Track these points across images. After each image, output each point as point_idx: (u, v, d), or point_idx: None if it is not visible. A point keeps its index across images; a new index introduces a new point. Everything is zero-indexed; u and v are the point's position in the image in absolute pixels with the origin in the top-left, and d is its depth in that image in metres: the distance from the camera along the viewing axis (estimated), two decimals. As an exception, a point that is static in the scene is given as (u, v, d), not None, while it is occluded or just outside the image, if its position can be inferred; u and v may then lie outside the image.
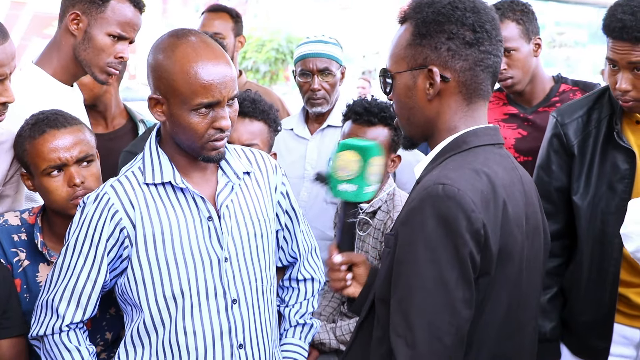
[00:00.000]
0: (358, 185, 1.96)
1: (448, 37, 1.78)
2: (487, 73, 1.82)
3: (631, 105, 2.68)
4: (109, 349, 2.54)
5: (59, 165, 2.43)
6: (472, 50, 1.79)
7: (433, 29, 1.79)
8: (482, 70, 1.81)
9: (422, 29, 1.81)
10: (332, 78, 3.50)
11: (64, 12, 2.86)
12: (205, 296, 2.18)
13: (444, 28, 1.78)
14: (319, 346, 3.10)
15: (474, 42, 1.79)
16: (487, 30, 1.80)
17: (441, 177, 1.71)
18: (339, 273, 2.01)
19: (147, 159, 2.21)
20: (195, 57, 2.06)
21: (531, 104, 3.33)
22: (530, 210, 1.85)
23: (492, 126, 1.87)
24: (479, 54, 1.79)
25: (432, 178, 1.74)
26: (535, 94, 3.33)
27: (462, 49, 1.78)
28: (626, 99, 2.66)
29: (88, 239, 2.15)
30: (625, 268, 2.77)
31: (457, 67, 1.79)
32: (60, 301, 2.17)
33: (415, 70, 1.82)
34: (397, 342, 1.67)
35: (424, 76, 1.81)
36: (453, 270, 1.65)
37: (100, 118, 3.58)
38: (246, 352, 2.23)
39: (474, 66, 1.79)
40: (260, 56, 16.63)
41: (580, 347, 2.91)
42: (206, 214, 2.19)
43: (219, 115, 2.08)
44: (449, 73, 1.79)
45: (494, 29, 1.82)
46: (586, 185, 2.82)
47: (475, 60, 1.79)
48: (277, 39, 16.90)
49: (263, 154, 2.42)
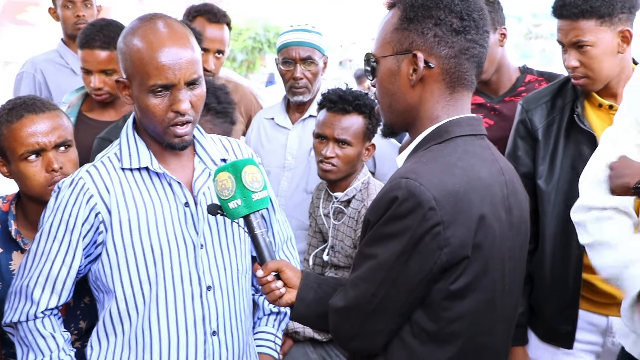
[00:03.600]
0: (242, 197, 1.97)
1: (435, 23, 1.78)
2: (472, 62, 1.82)
3: (582, 83, 2.77)
4: (83, 338, 2.52)
5: (37, 150, 2.42)
6: (458, 38, 1.79)
7: (421, 14, 1.79)
8: (467, 59, 1.81)
9: (410, 14, 1.81)
10: (314, 67, 3.50)
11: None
12: (180, 282, 2.18)
13: (432, 14, 1.79)
14: (293, 335, 3.12)
15: (461, 30, 1.79)
16: (474, 19, 1.80)
17: (408, 171, 1.73)
18: (269, 285, 1.99)
19: (123, 144, 2.21)
20: (152, 39, 2.07)
21: (498, 94, 3.36)
22: (513, 200, 1.87)
23: (474, 116, 1.88)
24: (465, 42, 1.80)
25: (401, 171, 1.77)
26: (501, 84, 3.36)
27: (449, 36, 1.79)
28: (576, 75, 2.77)
29: (63, 224, 2.14)
30: None
31: (442, 54, 1.79)
32: (35, 287, 2.16)
33: (400, 55, 1.82)
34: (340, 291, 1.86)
35: (408, 61, 1.81)
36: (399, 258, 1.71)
37: (109, 107, 3.61)
38: (219, 339, 2.24)
39: (459, 54, 1.80)
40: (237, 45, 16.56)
41: (547, 332, 2.96)
42: (183, 200, 2.19)
43: (177, 98, 2.08)
44: (434, 60, 1.79)
45: (481, 18, 1.82)
46: (550, 169, 2.87)
47: (461, 48, 1.80)
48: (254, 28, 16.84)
49: (239, 142, 2.42)
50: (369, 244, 1.78)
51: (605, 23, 2.67)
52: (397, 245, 1.71)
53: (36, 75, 4.33)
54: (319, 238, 3.23)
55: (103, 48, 3.37)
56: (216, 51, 3.82)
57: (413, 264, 1.71)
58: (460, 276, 1.73)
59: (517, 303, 1.96)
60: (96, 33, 3.41)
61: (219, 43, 3.83)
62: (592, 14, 2.66)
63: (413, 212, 1.68)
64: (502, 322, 1.89)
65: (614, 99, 2.80)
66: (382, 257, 1.73)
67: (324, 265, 3.17)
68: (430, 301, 1.75)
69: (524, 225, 1.93)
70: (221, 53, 3.87)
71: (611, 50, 2.70)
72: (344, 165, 3.02)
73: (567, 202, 2.80)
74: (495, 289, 1.81)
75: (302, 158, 3.49)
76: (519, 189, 1.93)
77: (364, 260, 1.79)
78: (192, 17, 3.85)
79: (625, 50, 2.72)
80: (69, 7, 4.35)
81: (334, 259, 3.09)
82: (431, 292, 1.74)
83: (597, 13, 2.66)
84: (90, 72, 3.45)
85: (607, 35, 2.68)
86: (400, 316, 1.77)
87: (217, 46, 3.82)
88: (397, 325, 1.78)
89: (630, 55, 2.78)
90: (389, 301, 1.75)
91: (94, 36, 3.40)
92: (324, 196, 3.20)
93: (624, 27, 2.69)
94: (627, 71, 2.78)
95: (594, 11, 2.65)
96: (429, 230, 1.68)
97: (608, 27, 2.67)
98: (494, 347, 1.89)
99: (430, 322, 1.76)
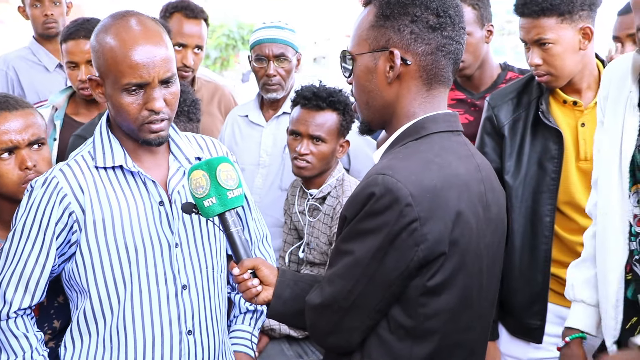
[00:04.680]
0: (217, 195, 1.97)
1: (411, 20, 1.79)
2: (449, 59, 1.83)
3: (546, 80, 2.81)
4: (57, 338, 2.50)
5: (10, 148, 2.40)
6: (435, 34, 1.79)
7: (397, 11, 1.80)
8: (443, 56, 1.81)
9: (386, 11, 1.81)
10: (287, 64, 3.50)
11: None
12: (155, 282, 2.17)
13: (408, 10, 1.79)
14: (269, 332, 3.11)
15: (437, 27, 1.79)
16: (450, 15, 1.81)
17: (384, 167, 1.73)
18: (245, 283, 1.98)
19: (97, 142, 2.19)
20: (125, 37, 2.06)
21: (479, 90, 3.38)
22: (491, 197, 1.88)
23: (451, 112, 1.88)
24: (441, 39, 1.80)
25: (377, 167, 1.77)
26: (483, 80, 3.38)
27: (425, 32, 1.79)
28: (539, 73, 2.80)
29: (36, 224, 2.12)
30: (558, 247, 2.86)
31: (418, 51, 1.79)
32: (8, 287, 2.14)
33: (377, 52, 1.82)
34: (317, 288, 1.86)
35: (385, 58, 1.81)
36: (375, 255, 1.71)
37: (94, 107, 3.60)
38: (195, 339, 2.23)
39: (436, 51, 1.80)
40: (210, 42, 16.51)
41: (517, 327, 2.99)
42: (157, 199, 2.18)
43: (151, 97, 2.07)
44: (410, 56, 1.80)
45: (457, 15, 1.83)
46: (517, 165, 2.90)
47: (438, 45, 1.80)
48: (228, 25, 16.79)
49: (214, 140, 2.41)
50: (345, 240, 1.78)
51: (566, 20, 2.70)
52: (374, 242, 1.71)
53: (8, 72, 4.30)
54: (294, 235, 3.23)
55: (88, 38, 3.33)
56: (195, 47, 3.80)
57: (390, 260, 1.71)
58: (437, 272, 1.73)
59: (494, 300, 1.97)
60: (79, 26, 3.41)
61: (197, 38, 3.82)
62: (553, 11, 2.69)
63: (390, 209, 1.68)
64: (479, 319, 1.90)
65: (578, 94, 2.84)
66: (359, 253, 1.74)
67: (299, 263, 3.17)
68: (407, 297, 1.75)
69: (501, 222, 1.94)
70: (199, 49, 3.85)
71: (573, 47, 2.74)
72: (319, 162, 3.02)
73: (534, 197, 2.86)
74: (472, 285, 1.82)
75: (276, 155, 3.49)
76: (496, 185, 1.94)
77: (340, 257, 1.79)
78: (169, 14, 3.84)
79: (587, 46, 2.76)
80: (37, 5, 4.34)
81: (310, 256, 3.09)
82: (408, 289, 1.74)
83: (558, 10, 2.69)
84: (76, 66, 3.43)
85: (568, 32, 2.72)
86: (376, 312, 1.77)
87: (196, 42, 3.81)
88: (374, 322, 1.79)
89: (592, 51, 2.81)
90: (365, 297, 1.76)
91: (77, 28, 3.40)
92: (298, 193, 3.20)
93: (584, 24, 2.72)
94: (590, 67, 2.82)
95: (554, 9, 2.69)
96: (405, 227, 1.68)
97: (569, 25, 2.71)
98: (471, 344, 1.90)
99: (407, 318, 1.76)
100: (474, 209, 1.79)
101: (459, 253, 1.75)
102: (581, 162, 2.81)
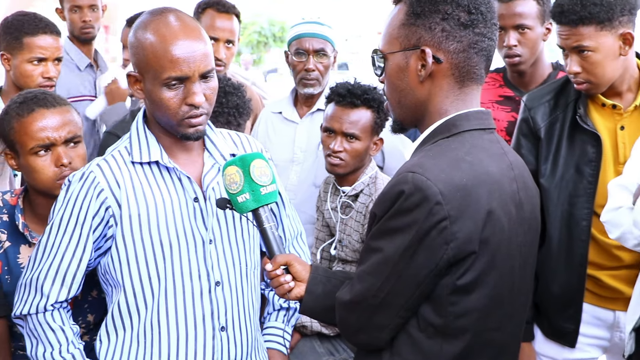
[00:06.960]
0: (250, 191, 1.98)
1: (443, 18, 1.77)
2: (481, 56, 1.81)
3: (585, 88, 2.74)
4: (91, 332, 2.53)
5: (47, 145, 2.42)
6: (466, 32, 1.78)
7: (428, 8, 1.78)
8: (475, 53, 1.80)
9: (417, 9, 1.80)
10: (326, 60, 3.49)
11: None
12: (189, 278, 2.18)
13: (439, 8, 1.78)
14: (301, 329, 3.11)
15: (469, 24, 1.78)
16: (482, 12, 1.79)
17: (415, 165, 1.72)
18: (278, 278, 1.99)
19: (134, 138, 2.21)
20: (165, 32, 2.07)
21: (528, 88, 3.32)
22: (524, 195, 1.86)
23: (483, 110, 1.86)
24: (473, 36, 1.78)
25: (407, 164, 1.76)
26: (534, 78, 3.34)
27: (457, 30, 1.77)
28: (578, 80, 2.73)
29: (73, 218, 2.14)
30: (595, 249, 2.81)
31: (450, 49, 1.78)
32: (45, 279, 2.16)
33: (408, 51, 1.81)
34: (347, 284, 1.87)
35: (417, 57, 1.80)
36: (405, 253, 1.71)
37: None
38: (228, 335, 2.24)
39: (468, 48, 1.79)
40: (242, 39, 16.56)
41: (551, 330, 2.96)
42: (192, 195, 2.19)
43: (191, 91, 2.08)
44: (442, 54, 1.78)
45: (489, 11, 1.81)
46: (553, 168, 2.85)
47: (470, 42, 1.78)
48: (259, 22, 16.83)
49: (249, 137, 2.42)
50: (375, 238, 1.78)
51: (606, 28, 2.62)
52: (403, 240, 1.70)
53: None
54: (326, 232, 3.23)
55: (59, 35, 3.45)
56: (226, 41, 3.82)
57: (419, 258, 1.70)
58: (467, 271, 1.72)
59: (527, 300, 1.96)
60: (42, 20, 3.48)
61: (228, 33, 3.83)
62: (591, 20, 2.61)
63: (419, 207, 1.67)
64: (510, 318, 1.88)
65: (619, 97, 2.77)
66: (388, 251, 1.73)
67: (331, 260, 3.17)
68: (436, 296, 1.74)
69: (534, 221, 1.92)
70: (231, 43, 3.87)
71: (613, 54, 2.65)
72: (352, 160, 3.02)
73: (570, 201, 2.80)
74: (503, 284, 1.80)
75: (310, 152, 3.49)
76: (529, 184, 1.92)
77: (370, 254, 1.79)
78: (202, 10, 3.86)
79: (628, 52, 2.67)
80: (76, 11, 4.46)
81: (342, 253, 3.09)
82: (437, 287, 1.74)
83: (597, 19, 2.61)
84: (44, 60, 3.46)
85: (608, 39, 2.63)
86: (406, 310, 1.77)
87: (227, 36, 3.82)
88: (403, 320, 1.78)
89: (633, 54, 2.73)
90: (394, 295, 1.75)
91: (47, 23, 3.47)
92: (331, 190, 3.19)
93: (625, 30, 2.63)
94: (631, 70, 2.75)
95: (593, 17, 2.61)
96: (435, 225, 1.67)
97: (609, 32, 2.62)
98: (502, 343, 1.88)
99: (436, 317, 1.76)
100: (505, 207, 1.77)
101: (490, 252, 1.74)
102: (620, 166, 2.74)
